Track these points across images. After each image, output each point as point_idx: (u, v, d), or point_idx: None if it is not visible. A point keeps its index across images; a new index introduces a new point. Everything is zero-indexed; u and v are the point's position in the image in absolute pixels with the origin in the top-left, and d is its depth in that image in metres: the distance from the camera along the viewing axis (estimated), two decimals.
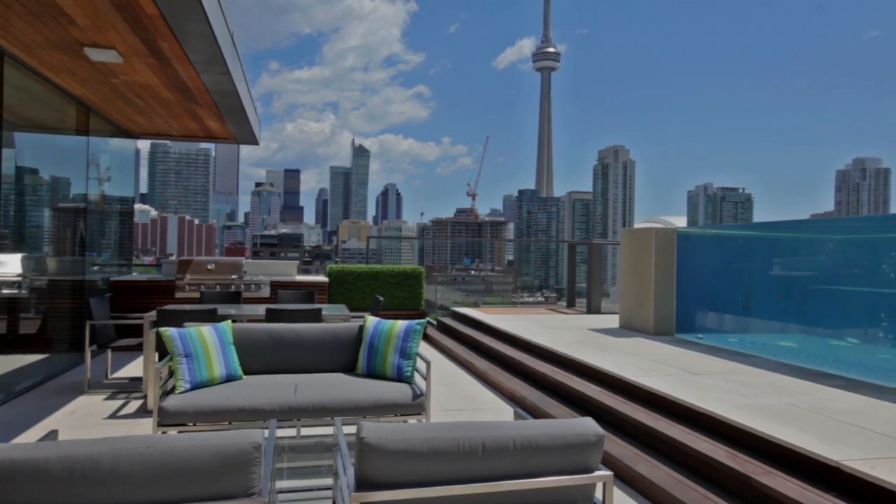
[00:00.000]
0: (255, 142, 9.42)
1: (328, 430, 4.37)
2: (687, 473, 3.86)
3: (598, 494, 2.42)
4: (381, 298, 7.29)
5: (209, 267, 9.03)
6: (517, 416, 2.95)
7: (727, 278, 7.66)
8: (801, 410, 4.24)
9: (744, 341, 7.04)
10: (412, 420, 4.28)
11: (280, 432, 4.10)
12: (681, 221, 10.49)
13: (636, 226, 9.03)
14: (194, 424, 3.82)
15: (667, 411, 4.66)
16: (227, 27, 5.20)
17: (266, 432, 2.16)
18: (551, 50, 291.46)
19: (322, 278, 10.54)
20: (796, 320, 6.74)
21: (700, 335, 7.64)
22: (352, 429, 2.75)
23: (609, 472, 2.33)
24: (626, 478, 4.01)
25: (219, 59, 5.23)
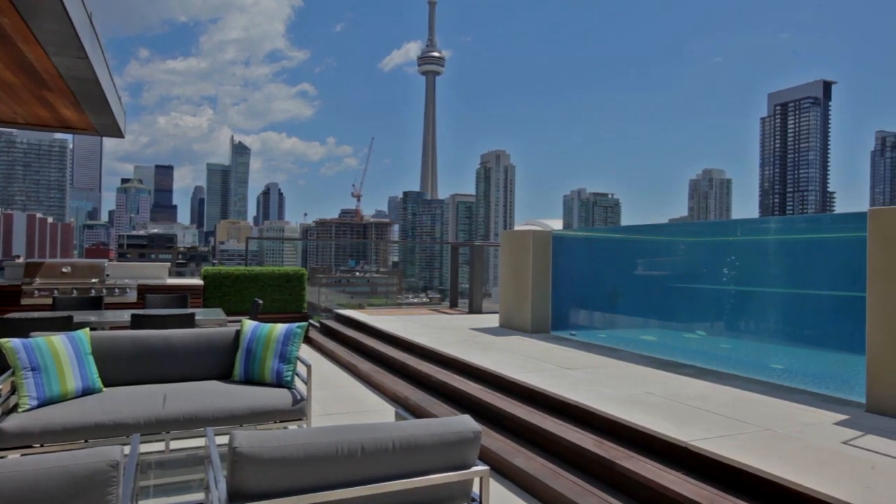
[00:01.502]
0: (119, 134, 8.70)
1: (201, 443, 4.14)
2: (559, 463, 4.08)
3: (477, 489, 2.50)
4: (261, 301, 7.03)
5: (64, 270, 8.21)
6: (398, 417, 2.97)
7: (597, 278, 8.21)
8: (658, 398, 4.64)
9: (611, 337, 7.57)
10: (293, 426, 4.17)
11: (147, 447, 3.82)
12: (557, 224, 11.05)
13: (516, 228, 9.42)
14: (42, 445, 3.45)
15: (542, 405, 4.90)
16: (85, 7, 4.77)
17: (127, 448, 2.01)
18: (436, 54, 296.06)
19: (197, 281, 9.96)
20: (656, 316, 7.36)
21: (573, 332, 8.11)
22: (226, 439, 2.63)
23: (486, 467, 2.41)
24: (504, 471, 4.17)
25: (73, 41, 4.78)
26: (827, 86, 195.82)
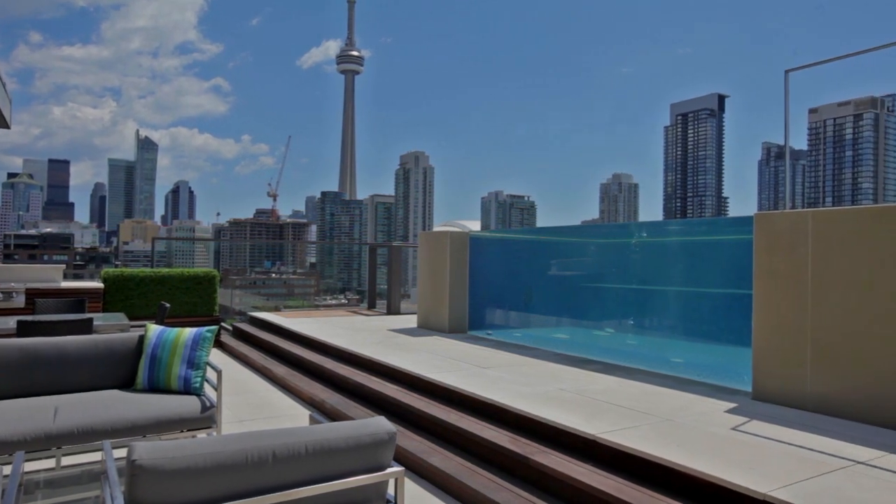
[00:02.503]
0: (4, 124, 8.00)
1: (99, 457, 3.88)
2: (476, 461, 4.15)
3: (392, 490, 2.50)
4: (168, 305, 6.68)
5: None
6: (312, 421, 2.92)
7: (513, 278, 8.41)
8: (569, 394, 4.83)
9: (526, 336, 7.78)
10: (202, 434, 3.99)
11: (35, 465, 3.54)
12: (475, 225, 11.21)
13: (434, 229, 9.48)
14: None
15: (459, 404, 4.96)
16: None
17: (7, 468, 1.85)
18: (355, 53, 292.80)
19: (96, 284, 9.33)
20: (568, 315, 7.65)
21: (489, 331, 8.27)
22: (125, 452, 2.48)
23: (400, 468, 2.42)
24: (421, 471, 4.19)
25: None
26: (721, 99, 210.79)
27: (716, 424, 3.98)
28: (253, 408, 5.99)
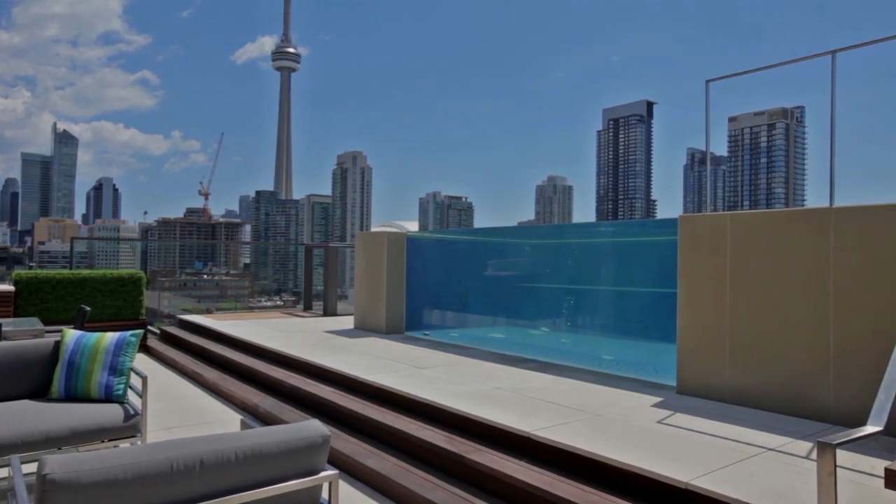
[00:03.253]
0: None
1: (6, 473, 3.63)
2: (412, 461, 4.15)
3: (326, 494, 2.46)
4: (88, 309, 6.33)
5: None
6: (244, 426, 2.84)
7: (450, 279, 8.47)
8: (504, 392, 4.90)
9: (463, 335, 7.85)
10: (125, 444, 3.81)
11: None
12: (413, 226, 11.22)
13: (372, 229, 9.42)
14: None
15: (395, 405, 4.95)
16: None
17: None
18: (291, 50, 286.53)
19: (6, 287, 8.73)
20: (504, 314, 7.77)
21: (426, 332, 8.29)
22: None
23: (334, 472, 2.39)
24: (356, 473, 4.15)
25: None
26: (650, 105, 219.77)
27: (643, 418, 4.14)
28: (182, 414, 5.76)
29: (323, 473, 2.36)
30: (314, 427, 2.37)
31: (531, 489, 3.34)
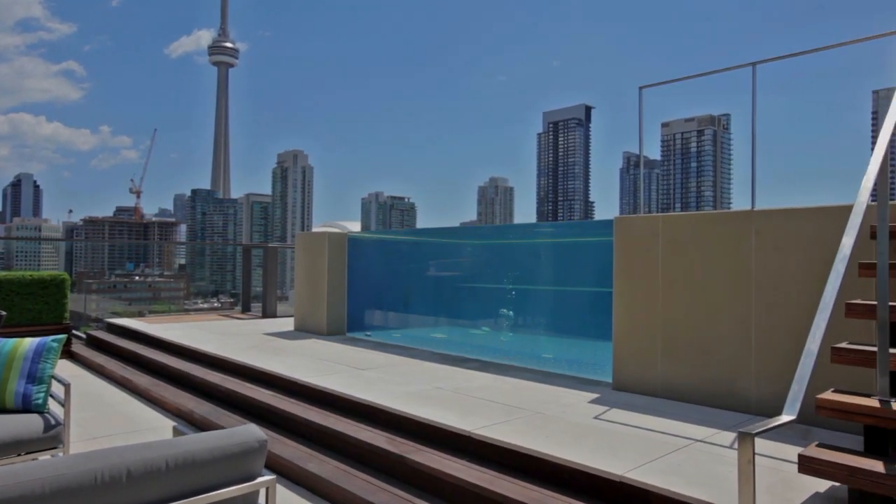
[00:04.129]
0: None
1: None
2: (353, 464, 4.12)
3: (263, 501, 2.41)
4: (4, 313, 5.94)
5: None
6: (176, 433, 2.74)
7: (392, 279, 8.44)
8: (446, 392, 4.93)
9: (405, 336, 7.84)
10: (45, 457, 3.60)
11: None
12: (355, 226, 11.11)
13: (313, 230, 9.28)
14: None
15: (336, 407, 4.89)
16: None
17: None
18: (229, 45, 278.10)
19: None
20: (446, 314, 7.81)
21: (368, 333, 8.24)
22: None
23: (272, 477, 2.34)
24: (296, 478, 4.07)
25: None
26: (588, 110, 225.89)
27: (581, 414, 4.25)
28: (109, 423, 5.50)
29: (259, 479, 2.31)
30: (251, 432, 2.31)
31: (472, 488, 3.37)
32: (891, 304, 2.93)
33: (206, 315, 11.75)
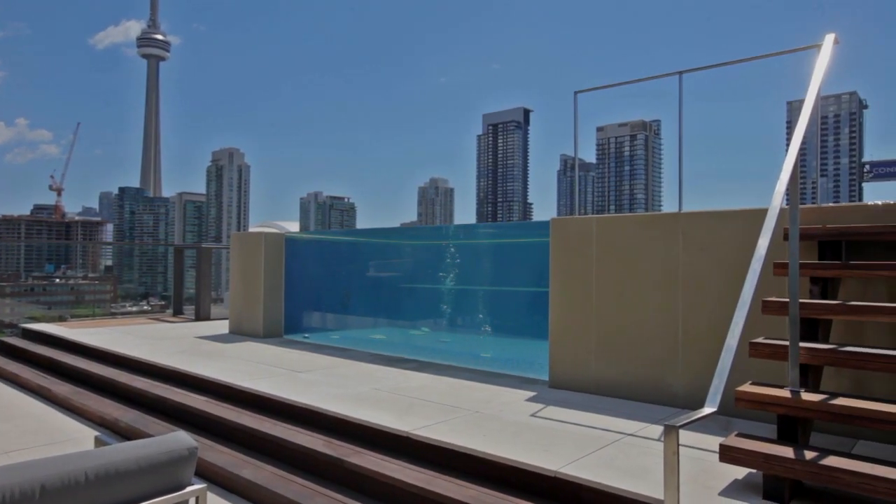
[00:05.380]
0: None
1: None
2: (290, 469, 4.03)
3: None
4: None
5: None
6: (98, 443, 2.62)
7: (331, 280, 8.33)
8: (384, 393, 4.91)
9: (344, 337, 7.75)
10: None
11: None
12: (294, 227, 10.90)
13: (250, 230, 9.04)
14: None
15: (272, 411, 4.78)
16: None
17: None
18: (159, 37, 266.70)
19: None
20: (386, 315, 7.77)
21: (306, 335, 8.09)
22: None
23: (202, 485, 2.27)
24: (230, 485, 3.95)
25: None
26: (526, 113, 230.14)
27: (517, 412, 4.33)
28: (24, 435, 5.17)
29: (189, 488, 2.24)
30: (179, 439, 2.23)
31: (410, 488, 3.37)
32: (801, 301, 3.13)
33: (134, 319, 11.24)
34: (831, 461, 2.60)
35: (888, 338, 3.60)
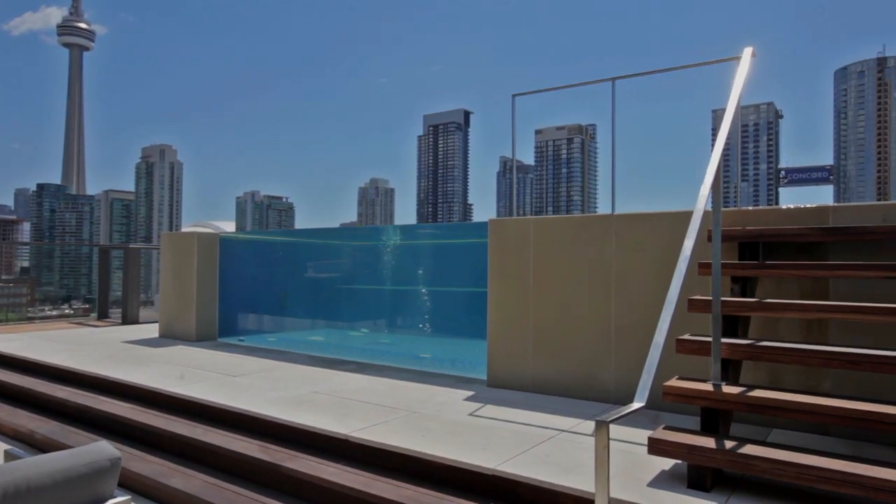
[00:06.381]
0: None
1: None
2: (223, 476, 3.91)
3: None
4: None
5: None
6: (9, 458, 2.46)
7: (268, 281, 8.13)
8: (322, 396, 4.84)
9: (281, 339, 7.59)
10: None
11: None
12: (229, 226, 10.59)
13: (183, 229, 8.72)
14: None
15: (205, 417, 4.63)
16: None
17: None
18: (83, 26, 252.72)
19: None
20: (324, 316, 7.66)
21: (242, 337, 7.88)
22: None
23: (125, 497, 2.17)
24: (159, 496, 3.80)
25: None
26: (467, 114, 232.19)
27: (456, 412, 4.36)
28: None
29: (111, 501, 2.14)
30: (101, 449, 2.13)
31: (347, 491, 3.34)
32: (723, 299, 3.31)
33: (55, 323, 10.61)
34: (748, 449, 2.76)
35: (800, 333, 3.85)
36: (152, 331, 8.55)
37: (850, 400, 2.89)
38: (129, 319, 10.00)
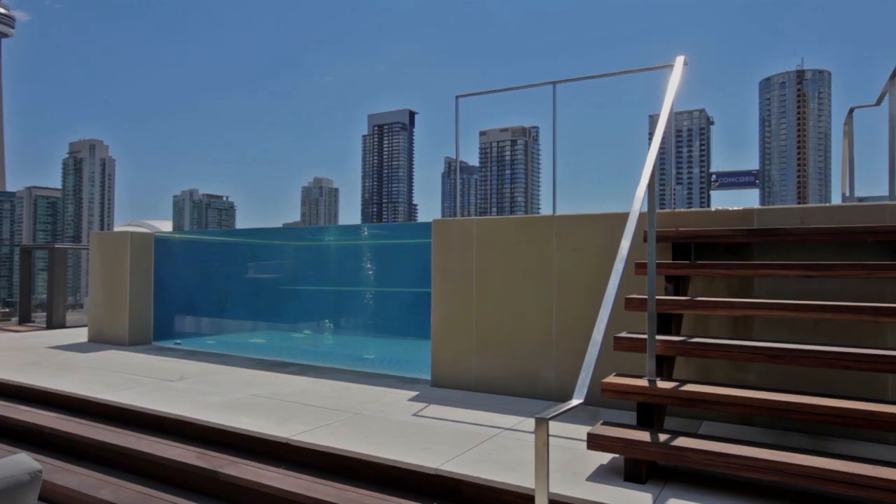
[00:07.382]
0: None
1: None
2: (158, 485, 3.77)
3: None
4: None
5: None
6: None
7: (207, 283, 7.88)
8: (262, 399, 4.73)
9: (220, 342, 7.37)
10: None
11: None
12: (166, 226, 10.22)
13: (116, 229, 8.33)
14: None
15: (137, 425, 4.44)
16: None
17: None
18: (2, 11, 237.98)
19: None
20: (265, 318, 7.49)
21: (178, 341, 7.60)
22: None
23: None
24: None
25: None
26: (412, 115, 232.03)
27: (400, 412, 4.35)
28: None
29: None
30: (19, 462, 2.01)
31: (288, 495, 3.28)
32: (658, 297, 3.43)
33: None
34: (680, 442, 2.88)
35: (728, 329, 4.05)
36: (81, 335, 8.13)
37: (773, 392, 3.06)
38: (54, 324, 9.48)
